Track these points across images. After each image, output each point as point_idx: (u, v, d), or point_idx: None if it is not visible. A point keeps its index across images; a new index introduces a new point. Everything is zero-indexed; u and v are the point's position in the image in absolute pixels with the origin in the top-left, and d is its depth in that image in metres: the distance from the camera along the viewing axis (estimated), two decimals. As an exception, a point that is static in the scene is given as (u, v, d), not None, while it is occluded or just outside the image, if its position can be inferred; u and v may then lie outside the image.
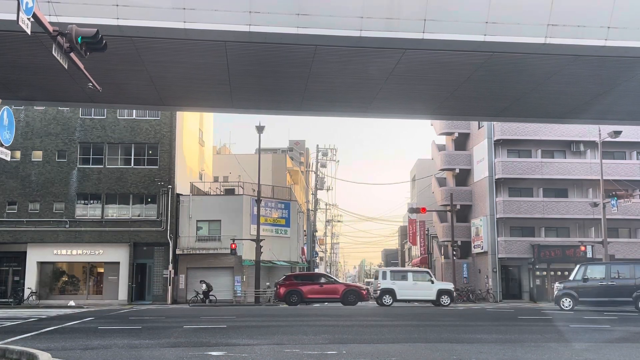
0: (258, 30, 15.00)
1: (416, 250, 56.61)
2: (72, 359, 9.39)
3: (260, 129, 35.13)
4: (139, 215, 36.33)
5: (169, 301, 34.55)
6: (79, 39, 10.93)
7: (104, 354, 9.94)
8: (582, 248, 36.65)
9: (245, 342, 11.43)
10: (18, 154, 35.80)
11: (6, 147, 10.81)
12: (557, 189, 40.43)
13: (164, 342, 11.55)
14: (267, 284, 35.67)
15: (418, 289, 29.24)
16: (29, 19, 9.75)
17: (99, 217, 36.09)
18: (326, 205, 69.07)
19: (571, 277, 25.05)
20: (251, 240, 34.53)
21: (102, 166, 36.49)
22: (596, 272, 24.46)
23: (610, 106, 21.52)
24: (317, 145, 61.99)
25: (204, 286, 32.77)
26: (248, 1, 14.74)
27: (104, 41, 11.26)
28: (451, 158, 45.01)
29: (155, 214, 36.17)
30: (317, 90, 20.01)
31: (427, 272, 30.85)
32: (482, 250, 40.74)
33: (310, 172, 59.82)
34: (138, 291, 36.03)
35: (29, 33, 10.04)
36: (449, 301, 29.21)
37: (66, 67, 11.52)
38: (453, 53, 16.50)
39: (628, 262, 30.31)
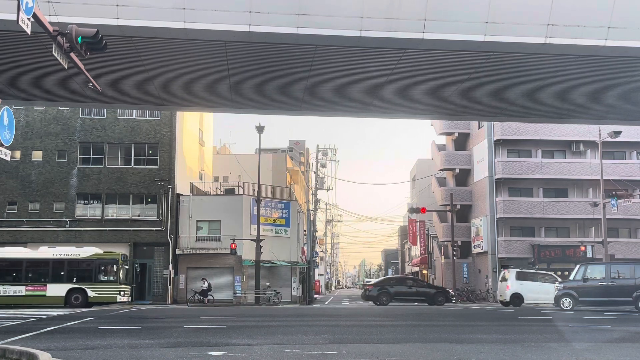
0: (258, 30, 14.98)
1: (416, 250, 56.63)
2: (72, 359, 9.39)
3: (260, 129, 35.12)
4: (139, 215, 36.32)
5: (169, 301, 34.54)
6: (79, 39, 10.93)
7: (104, 353, 9.94)
8: (582, 248, 36.63)
9: (245, 342, 11.43)
10: (18, 154, 35.79)
11: (6, 147, 10.80)
12: (557, 189, 40.42)
13: (164, 342, 11.55)
14: (267, 284, 35.61)
15: None
16: (29, 19, 9.74)
17: (99, 217, 36.09)
18: (326, 205, 69.01)
19: (571, 277, 25.04)
20: (251, 240, 34.51)
21: (102, 166, 36.49)
22: (596, 272, 24.45)
23: (610, 106, 21.50)
24: (317, 145, 61.86)
25: (205, 284, 32.75)
26: (248, 1, 14.73)
27: (104, 41, 11.25)
28: (451, 158, 44.99)
29: (155, 214, 36.17)
30: (317, 90, 20.00)
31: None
32: (482, 250, 40.73)
33: (310, 172, 59.68)
34: (138, 291, 35.99)
35: (29, 33, 10.03)
36: None
37: (66, 67, 11.51)
38: (453, 53, 16.49)
39: (628, 262, 30.29)
